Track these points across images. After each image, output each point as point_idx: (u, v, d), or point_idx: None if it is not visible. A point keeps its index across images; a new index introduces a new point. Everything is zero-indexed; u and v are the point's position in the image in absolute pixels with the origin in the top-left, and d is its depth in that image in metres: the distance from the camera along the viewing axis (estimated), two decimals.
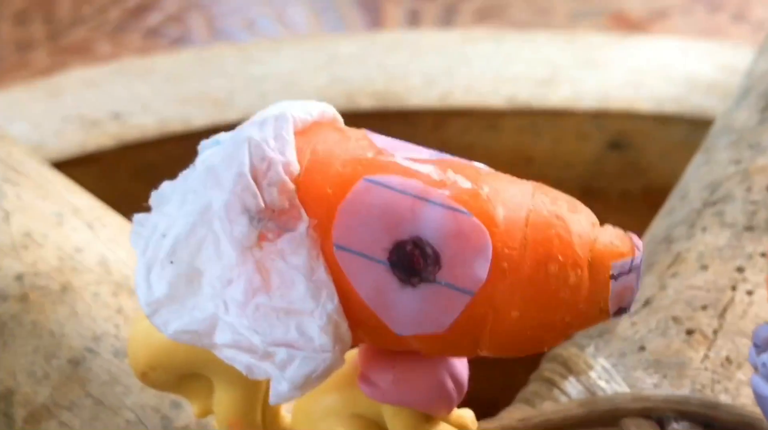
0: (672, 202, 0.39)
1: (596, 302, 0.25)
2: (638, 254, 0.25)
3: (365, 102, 0.53)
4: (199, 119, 0.28)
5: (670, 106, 0.51)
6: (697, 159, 0.40)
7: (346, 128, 0.27)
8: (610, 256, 0.25)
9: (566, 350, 0.33)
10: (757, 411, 0.30)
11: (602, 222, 0.26)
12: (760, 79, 0.40)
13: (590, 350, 0.33)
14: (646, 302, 0.34)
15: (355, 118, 0.56)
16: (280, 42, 0.61)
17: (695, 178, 0.38)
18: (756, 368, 0.25)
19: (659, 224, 0.38)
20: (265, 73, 0.55)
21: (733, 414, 0.30)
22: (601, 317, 0.25)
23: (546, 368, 0.34)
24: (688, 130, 0.50)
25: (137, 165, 0.31)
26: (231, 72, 0.56)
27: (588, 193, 0.54)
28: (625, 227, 0.41)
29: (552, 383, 0.32)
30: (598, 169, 0.53)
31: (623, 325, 0.34)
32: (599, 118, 0.52)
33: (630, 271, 0.25)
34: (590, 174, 0.53)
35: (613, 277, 0.25)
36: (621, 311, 0.25)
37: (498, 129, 0.53)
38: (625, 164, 0.52)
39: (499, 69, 0.55)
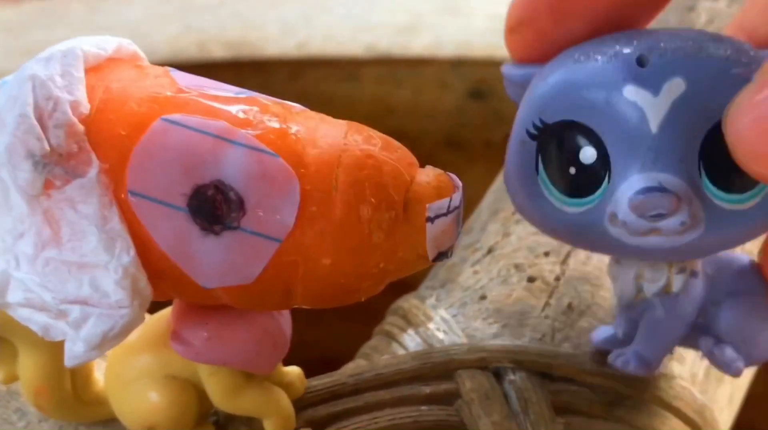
0: None
1: (413, 246, 0.23)
2: (457, 195, 0.23)
3: (218, 52, 0.51)
4: None
5: None
6: None
7: (147, 65, 0.25)
8: (427, 197, 0.23)
9: (407, 301, 0.32)
10: (598, 359, 0.29)
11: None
12: None
13: (431, 301, 0.32)
14: (489, 250, 0.33)
15: (208, 68, 0.53)
16: None
17: None
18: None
19: None
20: (112, 23, 0.52)
21: (571, 363, 0.29)
22: (420, 262, 0.24)
23: (387, 322, 0.32)
24: None
25: None
26: (76, 23, 0.53)
27: (451, 143, 0.52)
28: (489, 178, 0.40)
29: (391, 337, 0.31)
30: (460, 120, 0.52)
31: (465, 274, 0.32)
32: (460, 66, 0.50)
33: (448, 212, 0.23)
34: (452, 124, 0.52)
35: (430, 219, 0.23)
36: (441, 256, 0.24)
37: (357, 79, 0.51)
38: (487, 114, 0.51)
39: (359, 16, 0.53)
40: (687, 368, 0.31)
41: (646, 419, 0.29)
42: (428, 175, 0.24)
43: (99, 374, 0.28)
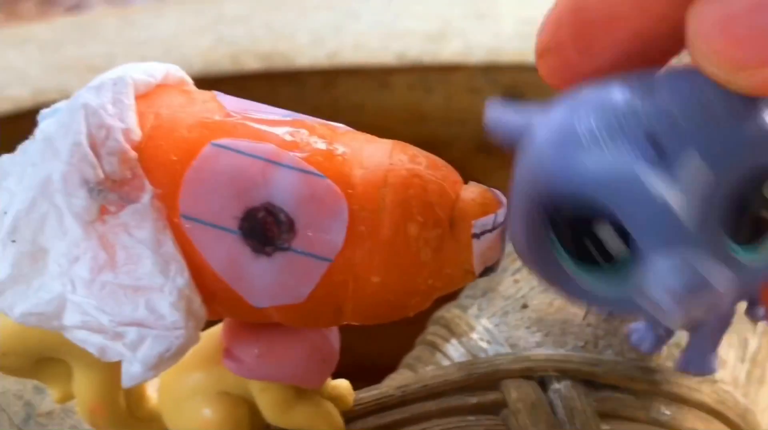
0: None
1: (460, 262, 0.24)
2: (501, 211, 0.24)
3: (251, 63, 0.51)
4: (76, 88, 0.26)
5: None
6: None
7: (195, 90, 0.25)
8: (472, 214, 0.24)
9: (449, 311, 0.33)
10: (641, 365, 0.29)
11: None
12: None
13: (473, 310, 0.32)
14: None
15: (241, 80, 0.54)
16: (162, 3, 0.58)
17: None
18: None
19: None
20: (146, 37, 0.53)
21: (615, 370, 0.29)
22: (467, 278, 0.24)
23: (429, 332, 0.33)
24: None
25: (13, 138, 0.29)
26: (110, 37, 0.53)
27: (483, 149, 0.53)
28: None
29: (435, 347, 0.31)
30: None
31: (506, 283, 0.33)
32: (490, 71, 0.51)
33: (493, 228, 0.24)
34: (484, 130, 0.52)
35: (476, 235, 0.23)
36: (487, 270, 0.24)
37: (389, 86, 0.52)
38: None
39: (389, 24, 0.53)
40: (728, 372, 0.31)
41: (690, 423, 0.29)
42: (473, 192, 0.24)
43: (153, 390, 0.29)
